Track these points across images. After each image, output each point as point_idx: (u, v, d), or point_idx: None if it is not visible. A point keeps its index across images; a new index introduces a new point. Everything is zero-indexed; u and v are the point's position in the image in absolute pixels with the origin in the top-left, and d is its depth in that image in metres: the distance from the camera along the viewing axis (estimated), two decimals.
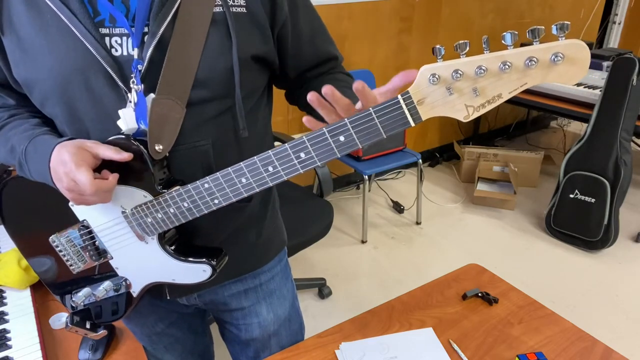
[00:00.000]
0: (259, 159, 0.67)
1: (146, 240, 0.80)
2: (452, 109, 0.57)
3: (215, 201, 0.73)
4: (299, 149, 0.65)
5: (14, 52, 0.72)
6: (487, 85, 0.55)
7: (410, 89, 0.58)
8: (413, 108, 0.59)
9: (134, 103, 0.71)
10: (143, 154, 0.71)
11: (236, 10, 0.74)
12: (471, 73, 0.54)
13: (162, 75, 0.70)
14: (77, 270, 0.86)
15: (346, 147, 0.63)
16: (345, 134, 0.62)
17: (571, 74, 0.51)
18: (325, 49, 0.89)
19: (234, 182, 0.70)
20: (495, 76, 0.54)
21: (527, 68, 0.52)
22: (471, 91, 0.56)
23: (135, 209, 0.76)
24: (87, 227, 0.81)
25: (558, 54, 0.50)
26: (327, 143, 0.63)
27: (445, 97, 0.57)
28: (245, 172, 0.69)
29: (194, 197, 0.73)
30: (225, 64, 0.73)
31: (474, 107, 0.57)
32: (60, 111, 0.74)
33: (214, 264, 0.80)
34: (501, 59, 0.53)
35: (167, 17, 0.69)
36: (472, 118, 0.57)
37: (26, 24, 0.69)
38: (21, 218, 0.86)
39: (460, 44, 0.55)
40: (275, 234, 1.00)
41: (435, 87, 0.57)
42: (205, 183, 0.71)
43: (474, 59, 0.54)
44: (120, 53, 0.71)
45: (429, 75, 0.56)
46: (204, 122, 0.76)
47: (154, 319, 1.01)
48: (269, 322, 1.02)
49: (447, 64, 0.55)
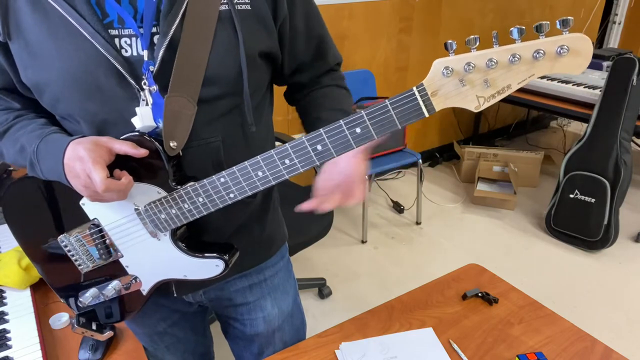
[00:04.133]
0: (276, 151, 0.68)
1: (158, 237, 0.80)
2: (465, 99, 0.60)
3: (231, 195, 0.73)
4: (315, 141, 0.66)
5: (22, 56, 0.72)
6: (498, 77, 0.58)
7: (425, 81, 0.61)
8: (427, 99, 0.61)
9: (147, 102, 0.72)
10: (158, 151, 0.71)
11: (241, 7, 0.75)
12: (482, 65, 0.57)
13: (174, 74, 0.71)
14: (85, 270, 0.86)
15: (362, 139, 0.65)
16: (361, 125, 0.64)
17: (575, 65, 0.55)
18: (318, 47, 0.89)
19: (250, 176, 0.71)
20: (505, 68, 0.57)
21: (535, 60, 0.56)
22: (482, 82, 0.59)
23: (149, 206, 0.77)
24: (97, 226, 0.81)
25: (563, 46, 0.54)
26: (343, 135, 0.65)
27: (458, 88, 0.60)
28: (262, 165, 0.70)
29: (210, 191, 0.74)
30: (233, 61, 0.74)
31: (485, 97, 0.60)
32: (72, 111, 0.75)
33: (226, 259, 0.80)
34: (510, 52, 0.56)
35: (177, 18, 0.70)
36: (483, 108, 0.60)
37: (33, 28, 0.70)
38: (28, 220, 0.86)
39: (470, 39, 0.58)
40: (277, 228, 1.01)
41: (449, 79, 0.59)
42: (221, 177, 0.72)
43: (485, 52, 0.57)
44: (130, 54, 0.71)
45: (442, 68, 0.59)
46: (214, 118, 0.77)
47: (157, 319, 1.01)
48: (274, 317, 1.03)
49: (460, 57, 0.58)
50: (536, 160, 3.22)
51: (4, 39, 0.71)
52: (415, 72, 3.25)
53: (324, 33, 0.90)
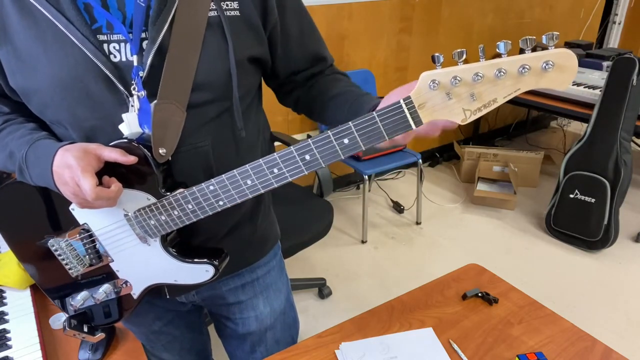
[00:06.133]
0: (264, 161, 0.69)
1: (148, 243, 0.80)
2: (451, 112, 0.61)
3: (220, 202, 0.73)
4: (304, 151, 0.67)
5: (10, 61, 0.72)
6: (484, 91, 0.59)
7: (412, 94, 0.61)
8: (414, 112, 0.62)
9: (136, 108, 0.71)
10: (147, 157, 0.71)
11: (230, 13, 0.75)
12: (469, 79, 0.58)
13: (163, 80, 0.70)
14: (75, 273, 0.86)
15: (350, 149, 0.65)
16: (349, 136, 0.64)
17: (560, 80, 0.56)
18: (314, 50, 0.89)
19: (239, 184, 0.71)
20: (491, 82, 0.58)
21: (521, 75, 0.56)
22: (469, 96, 0.59)
23: (138, 212, 0.76)
24: (87, 231, 0.81)
25: (549, 62, 0.55)
26: (331, 145, 0.66)
27: (444, 101, 0.60)
28: (251, 174, 0.70)
29: (199, 199, 0.73)
30: (222, 66, 0.74)
31: (471, 110, 0.60)
32: (61, 117, 0.75)
33: (216, 264, 0.80)
34: (496, 67, 0.57)
35: (165, 23, 0.70)
36: (469, 121, 0.61)
37: (21, 33, 0.69)
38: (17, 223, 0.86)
39: (458, 52, 0.59)
40: (270, 228, 1.02)
41: (436, 92, 0.60)
42: (210, 185, 0.72)
43: (471, 66, 0.58)
44: (119, 59, 0.71)
45: (429, 81, 0.59)
46: (203, 124, 0.77)
47: (151, 318, 1.02)
48: (266, 316, 1.03)
49: (447, 70, 0.58)
50: (536, 160, 3.22)
51: None
52: (415, 72, 3.24)
53: (317, 37, 0.90)
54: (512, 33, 3.64)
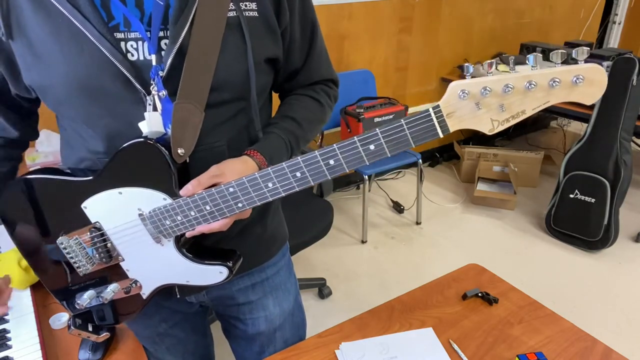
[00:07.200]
0: (287, 164, 0.68)
1: (162, 243, 0.79)
2: (479, 122, 0.61)
3: (239, 205, 0.73)
4: (328, 156, 0.66)
5: (25, 56, 0.71)
6: (513, 102, 0.59)
7: (441, 103, 0.61)
8: (442, 120, 0.62)
9: (153, 107, 0.71)
10: (166, 157, 0.71)
11: (249, 14, 0.75)
12: (499, 90, 0.58)
13: (182, 81, 0.70)
14: (84, 272, 0.85)
15: (375, 156, 0.65)
16: (375, 143, 0.64)
17: (590, 94, 0.56)
18: (310, 59, 0.89)
19: (260, 187, 0.70)
20: (522, 94, 0.58)
21: (551, 88, 0.57)
22: (498, 107, 0.60)
23: (154, 212, 0.76)
24: (99, 229, 0.81)
25: (579, 76, 0.55)
26: (357, 152, 0.65)
27: (473, 111, 0.61)
28: (273, 177, 0.69)
29: (217, 200, 0.73)
30: (241, 67, 0.74)
31: (499, 121, 0.60)
32: (76, 114, 0.75)
33: (230, 266, 0.80)
34: (527, 79, 0.57)
35: (187, 23, 0.70)
36: (497, 131, 0.61)
37: (36, 28, 0.69)
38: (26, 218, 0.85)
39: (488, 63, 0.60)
40: (279, 228, 1.01)
41: (465, 102, 0.60)
42: (230, 187, 0.71)
43: (502, 78, 0.58)
44: (136, 58, 0.71)
45: (459, 91, 0.59)
46: (219, 124, 0.77)
47: (158, 320, 1.01)
48: (275, 316, 1.03)
49: (477, 81, 0.59)
50: (536, 160, 3.22)
51: (6, 38, 0.70)
52: (415, 72, 3.25)
53: (321, 46, 0.90)
54: (512, 33, 3.64)
